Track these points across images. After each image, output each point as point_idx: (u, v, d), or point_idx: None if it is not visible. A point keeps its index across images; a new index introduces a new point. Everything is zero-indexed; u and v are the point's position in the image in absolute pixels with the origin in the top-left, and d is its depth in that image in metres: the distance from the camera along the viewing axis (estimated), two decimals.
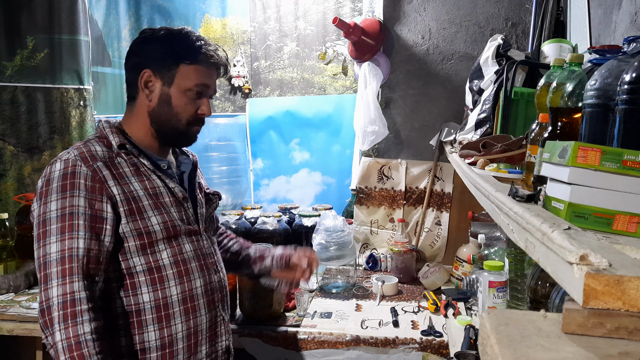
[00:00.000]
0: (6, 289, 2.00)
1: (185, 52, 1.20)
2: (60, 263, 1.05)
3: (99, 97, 2.66)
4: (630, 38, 0.81)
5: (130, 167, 1.18)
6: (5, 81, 2.48)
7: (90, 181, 1.10)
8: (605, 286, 0.47)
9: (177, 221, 1.20)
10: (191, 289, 1.21)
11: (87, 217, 1.08)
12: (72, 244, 1.06)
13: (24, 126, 2.52)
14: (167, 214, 1.18)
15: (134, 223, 1.13)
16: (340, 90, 2.57)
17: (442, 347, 1.66)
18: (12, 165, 2.53)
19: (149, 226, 1.15)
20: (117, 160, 1.17)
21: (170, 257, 1.18)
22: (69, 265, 1.05)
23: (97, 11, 2.61)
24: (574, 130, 0.85)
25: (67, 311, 1.02)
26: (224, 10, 2.62)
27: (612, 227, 0.64)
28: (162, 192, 1.20)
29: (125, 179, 1.15)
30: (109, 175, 1.12)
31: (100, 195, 1.10)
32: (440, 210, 2.45)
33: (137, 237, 1.14)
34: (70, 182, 1.10)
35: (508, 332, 0.53)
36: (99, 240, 1.09)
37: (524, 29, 2.31)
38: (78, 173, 1.10)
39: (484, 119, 1.66)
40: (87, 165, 1.12)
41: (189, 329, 1.20)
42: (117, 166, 1.16)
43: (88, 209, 1.09)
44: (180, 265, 1.19)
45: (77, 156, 1.13)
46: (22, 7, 2.47)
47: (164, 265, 1.17)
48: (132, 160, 1.19)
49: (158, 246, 1.17)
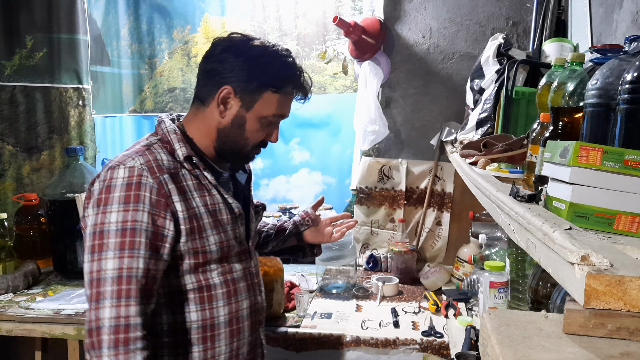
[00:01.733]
0: (5, 289, 2.00)
1: (273, 80, 1.11)
2: (116, 282, 0.97)
3: (98, 97, 2.65)
4: (632, 37, 0.81)
5: (193, 180, 1.10)
6: (4, 80, 2.48)
7: (156, 195, 1.02)
8: (607, 286, 0.47)
9: (232, 240, 1.15)
10: (237, 310, 1.15)
11: (149, 234, 1.01)
12: (132, 264, 0.98)
13: (23, 126, 2.52)
14: (223, 233, 1.12)
15: (192, 242, 1.07)
16: (340, 90, 2.57)
17: (442, 348, 1.65)
18: (11, 165, 2.52)
19: (205, 246, 1.09)
20: (181, 172, 1.09)
21: (220, 276, 1.13)
22: (127, 287, 0.97)
23: (96, 10, 2.61)
24: (575, 130, 0.85)
25: (118, 336, 0.95)
26: (224, 9, 2.62)
27: (614, 227, 0.63)
28: (221, 208, 1.13)
29: (188, 194, 1.08)
30: (174, 190, 1.05)
31: (164, 211, 1.03)
32: (441, 210, 2.44)
33: (193, 256, 1.08)
34: (135, 193, 1.01)
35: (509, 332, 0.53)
36: (158, 259, 1.02)
37: (525, 28, 2.30)
38: (144, 185, 1.02)
39: (485, 118, 1.66)
40: (154, 176, 1.03)
41: (231, 352, 1.14)
42: (181, 179, 1.08)
43: (151, 225, 1.01)
44: (230, 285, 1.14)
45: (143, 165, 1.04)
46: (21, 6, 2.46)
47: (213, 285, 1.11)
48: (195, 172, 1.11)
49: (210, 265, 1.11)
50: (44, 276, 2.22)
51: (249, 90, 1.11)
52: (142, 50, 2.70)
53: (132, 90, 2.73)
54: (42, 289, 2.07)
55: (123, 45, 2.69)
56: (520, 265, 1.59)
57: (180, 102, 2.71)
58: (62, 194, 2.17)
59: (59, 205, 2.17)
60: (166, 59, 2.69)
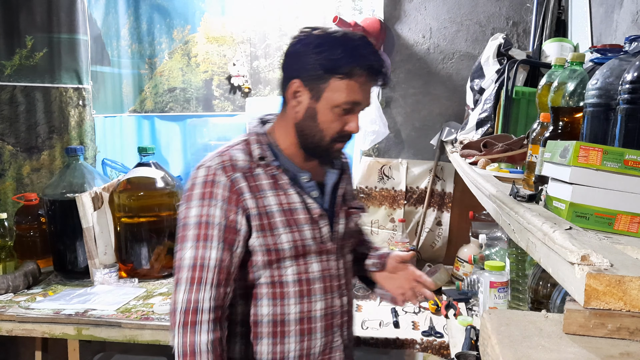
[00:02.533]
0: (5, 289, 2.00)
1: (337, 65, 1.08)
2: (191, 270, 1.06)
3: (98, 97, 2.65)
4: (632, 37, 0.81)
5: (269, 179, 1.13)
6: (4, 80, 2.48)
7: (228, 192, 1.09)
8: (607, 286, 0.47)
9: (308, 240, 1.14)
10: (309, 310, 1.15)
11: (222, 227, 1.08)
12: (205, 254, 1.06)
13: (23, 126, 2.52)
14: (298, 232, 1.13)
15: (263, 239, 1.11)
16: None
17: (442, 348, 1.65)
18: (11, 165, 2.52)
19: (277, 243, 1.11)
20: (255, 171, 1.13)
21: (295, 274, 1.14)
22: (199, 275, 1.06)
23: (96, 10, 2.60)
24: (576, 130, 0.85)
25: (188, 319, 1.04)
26: (224, 9, 2.61)
27: (614, 227, 0.63)
28: (297, 208, 1.14)
29: (261, 192, 1.11)
30: (245, 188, 1.10)
31: (235, 206, 1.09)
32: (441, 210, 2.44)
33: (265, 253, 1.11)
34: (209, 190, 1.09)
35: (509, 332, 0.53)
36: (231, 251, 1.09)
37: (525, 28, 2.30)
38: (217, 182, 1.09)
39: (485, 118, 1.66)
40: (227, 175, 1.10)
41: (301, 351, 1.15)
42: (255, 178, 1.12)
43: (223, 219, 1.08)
44: (303, 285, 1.15)
45: (218, 164, 1.11)
46: (21, 6, 2.46)
47: (286, 282, 1.13)
48: (271, 172, 1.14)
49: (284, 262, 1.13)
50: (44, 276, 2.22)
51: (315, 79, 1.10)
52: (142, 50, 2.70)
53: (132, 90, 2.73)
54: (42, 289, 2.07)
55: (123, 45, 2.69)
56: (520, 265, 1.59)
57: (180, 102, 2.71)
58: (62, 193, 2.17)
59: (59, 205, 2.17)
60: (166, 59, 2.69)
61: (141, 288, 2.06)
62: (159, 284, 2.14)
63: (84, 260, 2.15)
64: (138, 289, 2.05)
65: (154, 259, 2.18)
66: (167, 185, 2.19)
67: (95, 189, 2.16)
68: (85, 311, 1.83)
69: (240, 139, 1.20)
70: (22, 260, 2.21)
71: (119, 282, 2.10)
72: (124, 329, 1.77)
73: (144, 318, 1.78)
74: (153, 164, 2.22)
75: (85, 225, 2.09)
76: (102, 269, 2.10)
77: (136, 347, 2.27)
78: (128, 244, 2.18)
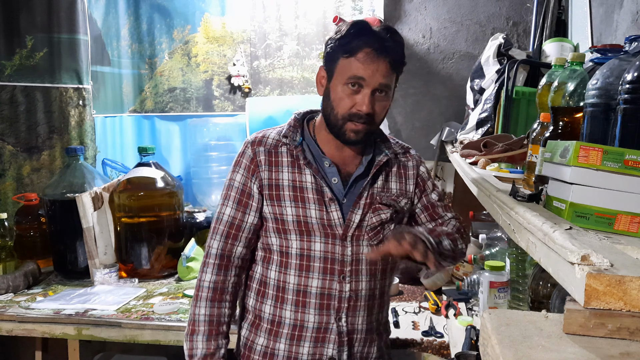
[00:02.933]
0: (5, 289, 2.00)
1: (342, 46, 1.18)
2: (215, 221, 1.29)
3: (98, 97, 2.65)
4: (632, 37, 0.81)
5: (289, 157, 1.26)
6: (4, 80, 2.48)
7: (249, 162, 1.26)
8: (607, 286, 0.46)
9: (313, 219, 1.23)
10: (306, 285, 1.24)
11: (239, 191, 1.27)
12: (223, 210, 1.28)
13: (23, 126, 2.52)
14: (303, 208, 1.23)
15: (272, 207, 1.25)
16: None
17: (443, 348, 1.65)
18: (11, 165, 2.52)
19: (283, 214, 1.24)
20: (280, 149, 1.26)
21: (298, 248, 1.24)
22: (216, 225, 1.29)
23: (96, 10, 2.60)
24: (576, 130, 0.85)
25: (204, 260, 1.28)
26: (224, 9, 2.62)
27: (614, 227, 0.63)
28: (308, 187, 1.24)
29: (278, 167, 1.25)
30: (265, 161, 1.26)
31: (252, 176, 1.26)
32: None
33: (274, 220, 1.25)
34: (238, 159, 1.29)
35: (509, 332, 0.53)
36: (244, 212, 1.27)
37: (525, 28, 2.30)
38: (244, 153, 1.28)
39: (485, 118, 1.66)
40: (252, 149, 1.27)
41: (296, 320, 1.25)
42: (277, 154, 1.26)
43: (241, 184, 1.27)
44: (304, 260, 1.24)
45: (251, 139, 1.29)
46: (21, 6, 2.46)
47: (290, 254, 1.25)
48: (293, 151, 1.25)
49: (290, 235, 1.25)
50: (44, 276, 2.22)
51: (330, 63, 1.22)
52: (142, 50, 2.70)
53: (132, 90, 2.73)
54: (43, 289, 2.07)
55: (123, 45, 2.69)
56: (521, 265, 1.59)
57: (180, 102, 2.71)
58: (63, 193, 2.17)
59: (59, 205, 2.17)
60: (166, 59, 2.69)
61: (141, 288, 2.06)
62: (159, 284, 2.14)
63: (84, 260, 2.15)
64: (138, 289, 2.05)
65: (154, 259, 2.18)
66: (167, 185, 2.19)
67: (96, 189, 2.16)
68: (85, 311, 1.83)
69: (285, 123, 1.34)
70: (22, 260, 2.21)
71: (119, 282, 2.10)
72: (124, 329, 1.77)
73: (144, 318, 1.78)
74: (153, 164, 2.22)
75: (86, 225, 2.09)
76: (102, 269, 2.10)
77: (136, 347, 2.27)
78: (128, 244, 2.18)
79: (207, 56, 2.65)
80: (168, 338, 1.76)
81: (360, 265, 1.27)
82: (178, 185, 2.26)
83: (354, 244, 1.26)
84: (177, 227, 2.25)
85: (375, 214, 1.28)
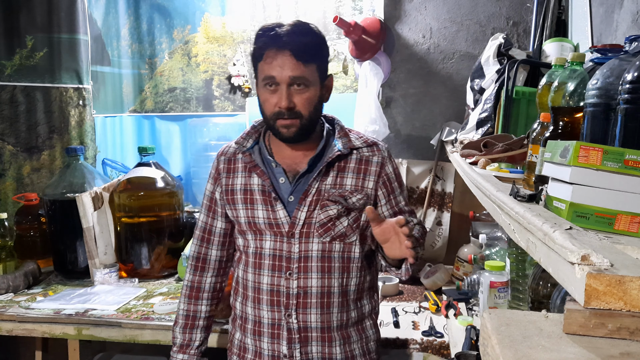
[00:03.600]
0: (5, 289, 2.00)
1: (253, 53, 1.26)
2: (195, 227, 1.44)
3: (98, 97, 2.65)
4: (632, 37, 0.81)
5: (244, 163, 1.33)
6: (4, 80, 2.48)
7: (214, 171, 1.38)
8: (607, 286, 0.46)
9: (260, 219, 1.30)
10: (259, 282, 1.30)
11: (207, 198, 1.40)
12: (199, 216, 1.43)
13: (23, 126, 2.52)
14: (252, 210, 1.30)
15: (231, 211, 1.35)
16: (340, 90, 2.56)
17: (443, 348, 1.65)
18: (11, 165, 2.52)
19: (238, 217, 1.33)
20: (237, 156, 1.35)
21: (253, 247, 1.32)
22: (194, 230, 1.44)
23: (96, 10, 2.60)
24: (576, 130, 0.85)
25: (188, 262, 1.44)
26: (224, 9, 2.62)
27: (614, 227, 0.63)
28: (255, 189, 1.31)
29: (234, 174, 1.34)
30: (225, 168, 1.36)
31: (215, 184, 1.38)
32: (441, 210, 2.44)
33: (236, 223, 1.35)
34: (210, 170, 1.41)
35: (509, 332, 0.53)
36: (213, 218, 1.40)
37: (525, 28, 2.30)
38: (213, 163, 1.39)
39: (485, 118, 1.66)
40: (217, 158, 1.38)
41: (255, 316, 1.32)
42: (235, 161, 1.35)
43: (210, 192, 1.39)
44: (257, 258, 1.31)
45: (220, 149, 1.40)
46: (21, 6, 2.46)
47: (249, 252, 1.33)
48: (247, 157, 1.32)
49: (247, 235, 1.33)
50: (44, 276, 2.22)
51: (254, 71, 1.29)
52: (143, 50, 2.70)
53: (132, 90, 2.73)
54: (43, 289, 2.07)
55: (123, 45, 2.69)
56: (521, 265, 1.59)
57: (180, 102, 2.71)
58: (63, 193, 2.17)
59: (59, 205, 2.17)
60: (166, 58, 2.69)
61: (141, 288, 2.06)
62: (159, 283, 2.14)
63: (84, 260, 2.15)
64: (138, 288, 2.05)
65: (154, 259, 2.18)
66: (167, 185, 2.19)
67: (96, 188, 2.16)
68: (85, 311, 1.83)
69: None
70: (22, 260, 2.21)
71: (119, 282, 2.10)
72: (124, 329, 1.77)
73: (144, 318, 1.78)
74: (153, 164, 2.22)
75: (86, 225, 2.09)
76: (102, 269, 2.10)
77: (136, 347, 2.27)
78: (128, 244, 2.18)
79: (207, 56, 2.65)
80: (168, 338, 1.76)
81: (309, 262, 1.27)
82: (178, 185, 2.26)
83: (303, 241, 1.27)
84: (177, 227, 2.25)
85: (322, 210, 1.27)
